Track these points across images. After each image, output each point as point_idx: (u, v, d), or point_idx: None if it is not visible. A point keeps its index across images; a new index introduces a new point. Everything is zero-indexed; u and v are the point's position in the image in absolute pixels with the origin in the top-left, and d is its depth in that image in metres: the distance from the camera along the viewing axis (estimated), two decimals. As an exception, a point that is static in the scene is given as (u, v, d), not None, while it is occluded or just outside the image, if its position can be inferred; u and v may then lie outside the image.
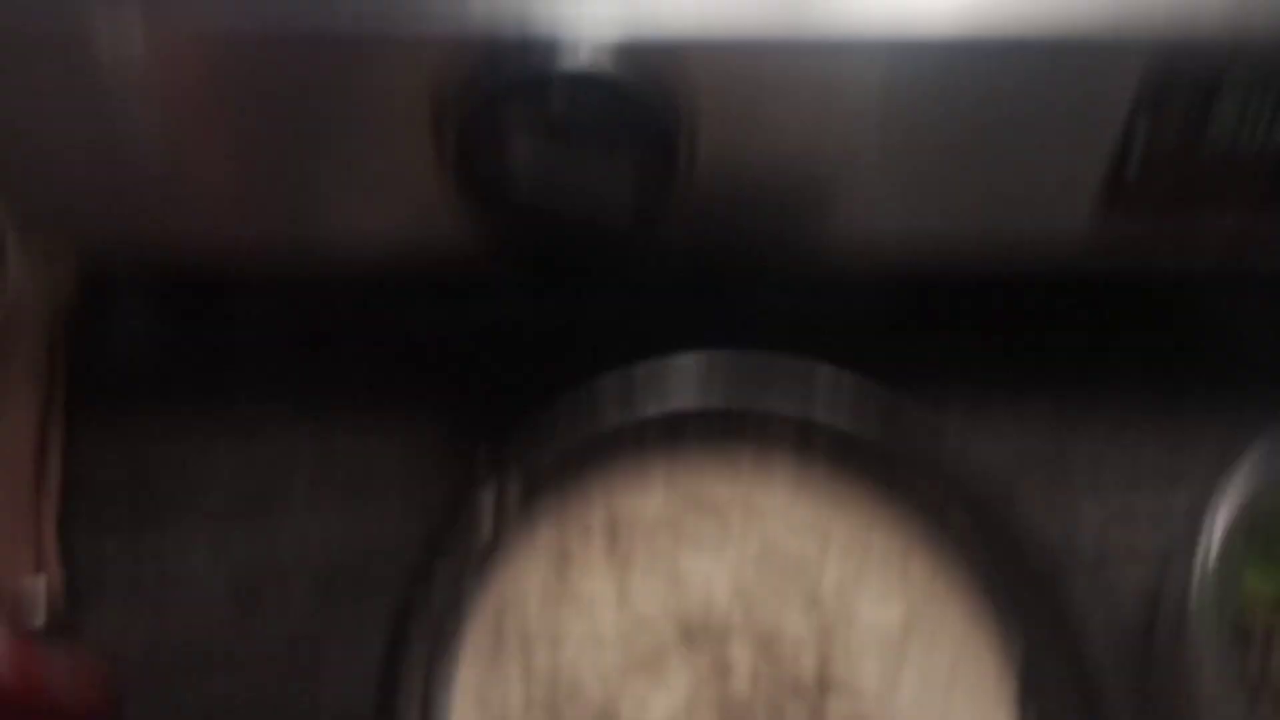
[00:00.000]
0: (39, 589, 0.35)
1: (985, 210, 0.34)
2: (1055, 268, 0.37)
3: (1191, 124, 0.31)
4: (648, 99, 0.28)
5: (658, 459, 0.34)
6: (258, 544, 0.38)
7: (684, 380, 0.33)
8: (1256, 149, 0.32)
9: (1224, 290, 0.45)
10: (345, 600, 0.37)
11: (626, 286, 0.42)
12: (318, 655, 0.36)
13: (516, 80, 0.28)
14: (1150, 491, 0.41)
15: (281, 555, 0.38)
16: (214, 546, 0.38)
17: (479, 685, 0.31)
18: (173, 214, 0.33)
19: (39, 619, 0.34)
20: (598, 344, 0.35)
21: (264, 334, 0.42)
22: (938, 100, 0.30)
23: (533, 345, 0.42)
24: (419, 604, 0.29)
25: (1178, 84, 0.30)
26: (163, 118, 0.30)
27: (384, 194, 0.32)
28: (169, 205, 0.33)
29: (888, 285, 0.44)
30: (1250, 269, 0.39)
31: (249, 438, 0.40)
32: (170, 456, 0.39)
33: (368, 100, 0.30)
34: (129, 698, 0.35)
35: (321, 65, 0.29)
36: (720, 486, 0.34)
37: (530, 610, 0.32)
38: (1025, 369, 0.43)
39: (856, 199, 0.33)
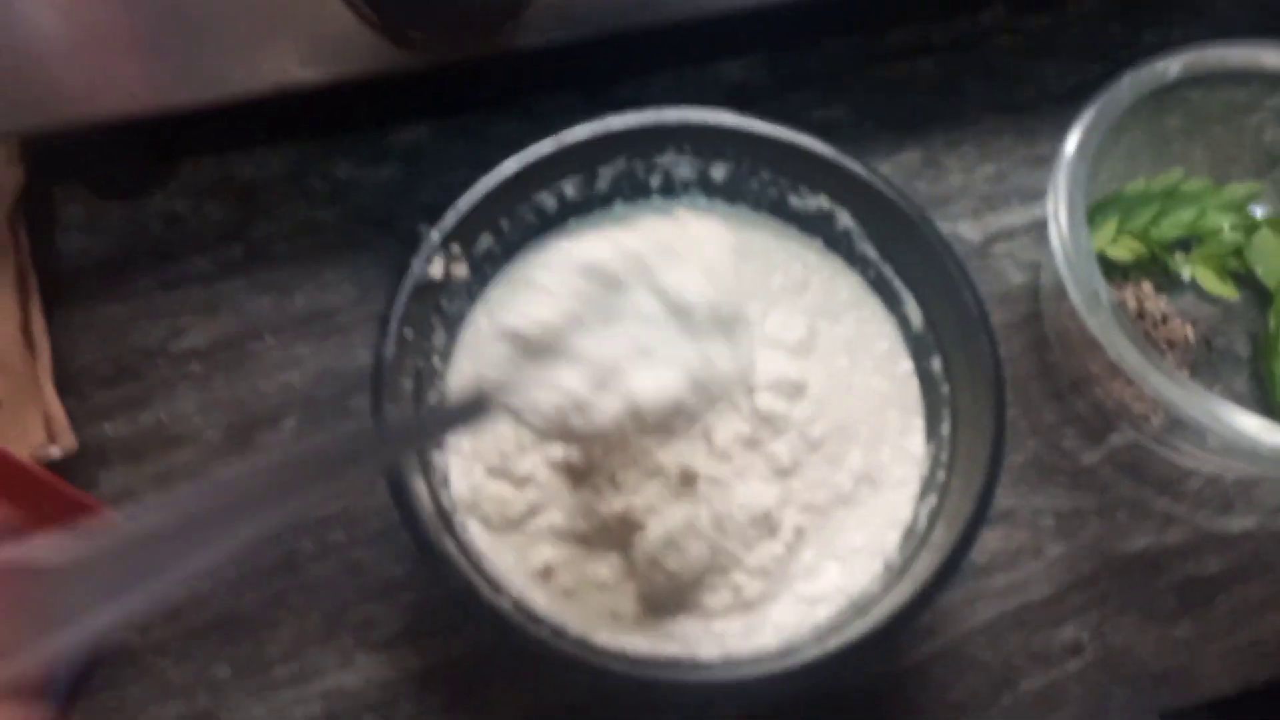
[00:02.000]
0: (54, 457, 0.37)
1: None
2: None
3: None
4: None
5: (581, 235, 0.38)
6: (241, 391, 0.41)
7: (592, 149, 0.37)
8: None
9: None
10: (331, 425, 0.41)
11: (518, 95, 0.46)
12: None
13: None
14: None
15: (265, 395, 0.41)
16: (203, 401, 0.41)
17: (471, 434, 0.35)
18: (86, 79, 0.36)
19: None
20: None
21: (203, 210, 0.45)
22: None
23: (445, 180, 0.45)
24: (390, 341, 0.33)
25: None
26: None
27: (278, 6, 0.36)
28: (80, 71, 0.36)
29: (756, 65, 0.49)
30: None
31: (213, 309, 0.43)
32: (145, 337, 0.42)
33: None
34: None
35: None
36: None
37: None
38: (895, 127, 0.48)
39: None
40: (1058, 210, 0.38)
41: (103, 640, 0.21)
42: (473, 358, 0.37)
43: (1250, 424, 0.36)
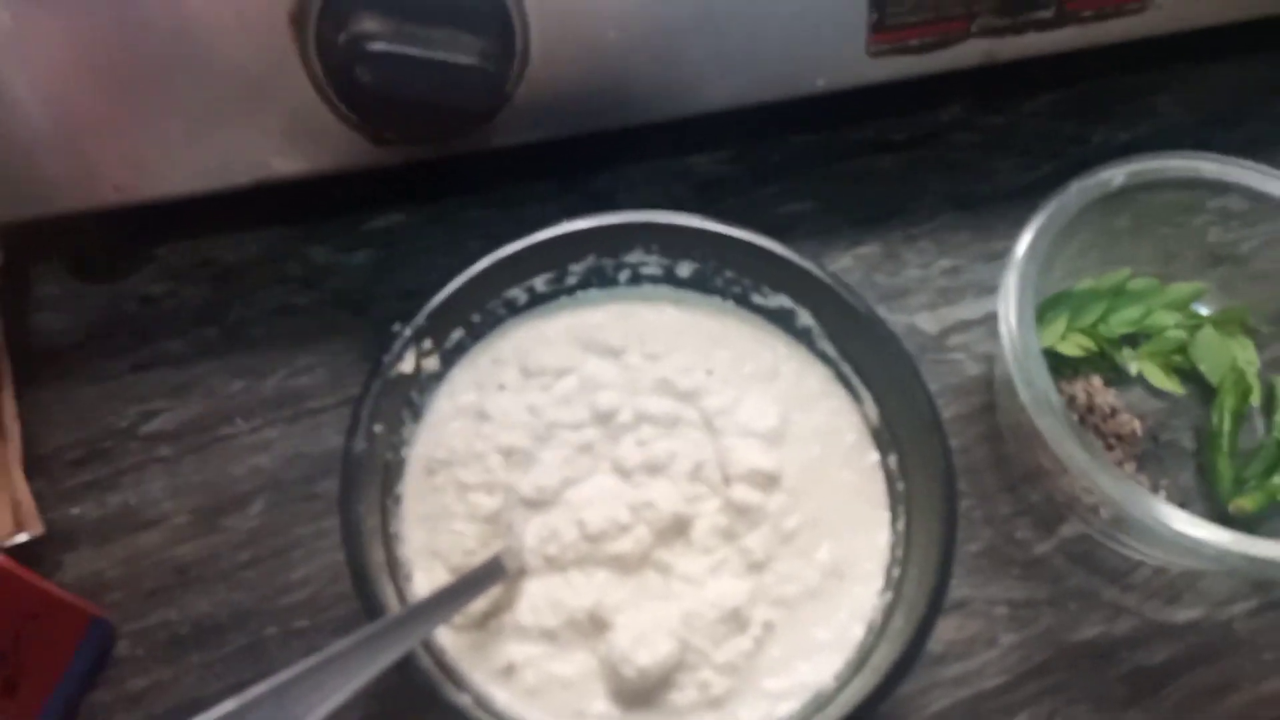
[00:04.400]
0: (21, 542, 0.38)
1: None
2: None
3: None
4: None
5: (555, 316, 0.40)
6: (210, 474, 0.42)
7: (561, 249, 0.39)
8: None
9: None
10: (298, 509, 0.42)
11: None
12: (282, 560, 0.41)
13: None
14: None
15: (234, 479, 0.42)
16: (172, 484, 0.42)
17: (427, 529, 0.36)
18: (70, 170, 0.38)
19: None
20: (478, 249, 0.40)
21: (179, 293, 0.46)
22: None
23: (421, 266, 0.47)
24: (360, 436, 0.33)
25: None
26: (44, 80, 0.35)
27: (258, 104, 0.37)
28: (64, 162, 0.37)
29: (725, 159, 0.51)
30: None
31: (185, 392, 0.44)
32: (116, 419, 0.43)
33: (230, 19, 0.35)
34: (117, 621, 0.39)
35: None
36: (614, 333, 0.39)
37: (457, 462, 0.37)
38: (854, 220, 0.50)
39: (683, 58, 0.40)
40: (1008, 313, 0.40)
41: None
42: (432, 439, 0.37)
43: (1187, 524, 0.37)
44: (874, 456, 0.38)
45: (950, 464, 0.35)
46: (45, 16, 0.35)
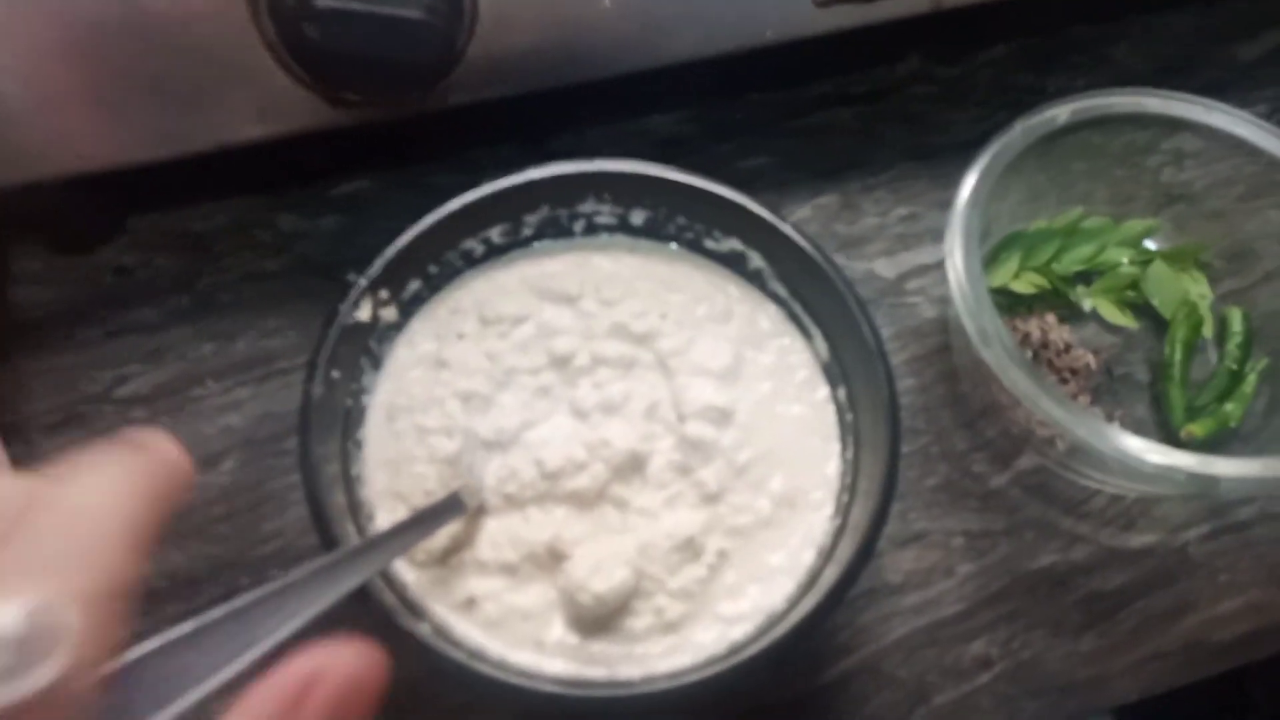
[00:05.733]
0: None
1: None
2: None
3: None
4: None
5: (512, 267, 0.41)
6: (183, 434, 0.43)
7: (515, 200, 0.40)
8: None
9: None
10: (269, 465, 0.43)
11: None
12: (254, 514, 0.42)
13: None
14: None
15: (206, 438, 0.43)
16: (146, 445, 0.43)
17: (389, 472, 0.37)
18: (34, 139, 0.39)
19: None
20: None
21: (152, 263, 0.47)
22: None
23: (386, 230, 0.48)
24: (318, 381, 0.35)
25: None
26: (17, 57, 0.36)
27: (215, 70, 0.39)
28: (26, 131, 0.38)
29: (685, 118, 0.51)
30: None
31: (158, 356, 0.45)
32: (92, 384, 0.44)
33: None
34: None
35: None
36: (570, 281, 0.40)
37: (417, 408, 0.38)
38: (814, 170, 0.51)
39: (632, 12, 0.41)
40: (953, 250, 0.41)
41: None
42: (392, 386, 0.39)
43: (1136, 445, 0.38)
44: (824, 391, 0.39)
45: (893, 389, 0.36)
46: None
